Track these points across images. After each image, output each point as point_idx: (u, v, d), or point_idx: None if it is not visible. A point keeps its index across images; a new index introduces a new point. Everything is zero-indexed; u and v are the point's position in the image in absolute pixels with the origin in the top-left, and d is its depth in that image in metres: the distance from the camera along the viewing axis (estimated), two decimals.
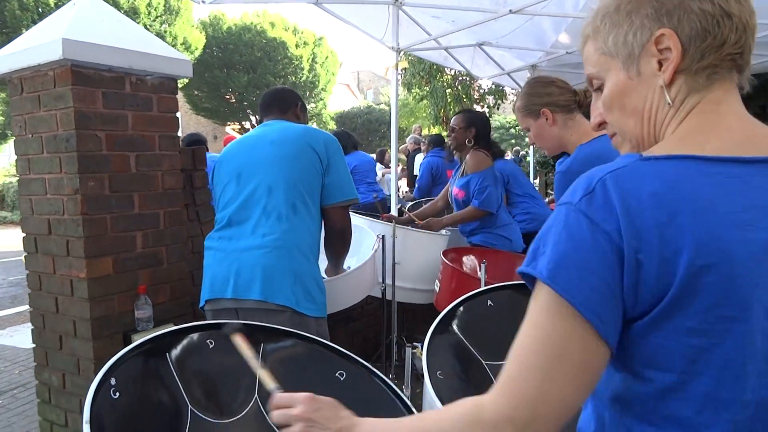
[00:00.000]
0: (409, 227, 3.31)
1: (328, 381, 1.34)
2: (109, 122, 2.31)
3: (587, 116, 1.99)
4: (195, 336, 1.24)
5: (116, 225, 2.36)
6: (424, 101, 15.25)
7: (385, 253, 2.82)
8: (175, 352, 1.20)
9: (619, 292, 0.67)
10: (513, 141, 23.60)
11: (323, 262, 2.39)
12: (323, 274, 2.51)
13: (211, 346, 1.26)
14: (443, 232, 3.58)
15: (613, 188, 0.67)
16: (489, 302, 1.57)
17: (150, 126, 2.47)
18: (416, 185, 6.20)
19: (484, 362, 1.50)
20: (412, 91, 15.00)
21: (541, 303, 0.69)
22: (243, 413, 1.22)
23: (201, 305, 2.17)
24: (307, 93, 24.04)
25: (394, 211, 4.76)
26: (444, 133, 10.70)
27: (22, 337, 4.95)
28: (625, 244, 0.65)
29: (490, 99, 14.18)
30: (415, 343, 1.43)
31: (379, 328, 3.94)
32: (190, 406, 1.16)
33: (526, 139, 16.79)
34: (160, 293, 2.54)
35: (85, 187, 2.25)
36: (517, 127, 18.87)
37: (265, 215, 2.05)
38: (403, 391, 1.37)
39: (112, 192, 2.34)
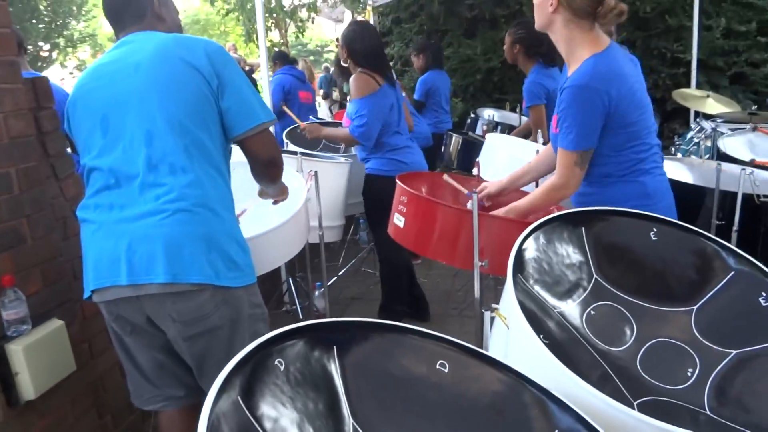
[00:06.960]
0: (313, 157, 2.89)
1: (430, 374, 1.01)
2: None
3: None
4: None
5: None
6: (230, 15, 13.87)
7: (318, 191, 2.38)
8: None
9: None
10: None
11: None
12: (259, 197, 2.03)
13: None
14: (341, 159, 3.24)
15: None
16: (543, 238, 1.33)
17: None
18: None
19: (555, 310, 1.28)
20: (215, 4, 13.49)
21: None
22: None
23: (86, 296, 1.59)
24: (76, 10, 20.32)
25: None
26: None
27: None
28: None
29: (303, 12, 13.19)
30: (493, 305, 1.16)
31: (271, 272, 3.53)
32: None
33: None
34: (30, 281, 1.87)
35: None
36: None
37: (151, 170, 1.50)
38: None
39: None
